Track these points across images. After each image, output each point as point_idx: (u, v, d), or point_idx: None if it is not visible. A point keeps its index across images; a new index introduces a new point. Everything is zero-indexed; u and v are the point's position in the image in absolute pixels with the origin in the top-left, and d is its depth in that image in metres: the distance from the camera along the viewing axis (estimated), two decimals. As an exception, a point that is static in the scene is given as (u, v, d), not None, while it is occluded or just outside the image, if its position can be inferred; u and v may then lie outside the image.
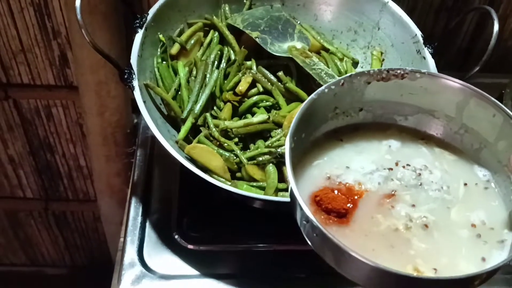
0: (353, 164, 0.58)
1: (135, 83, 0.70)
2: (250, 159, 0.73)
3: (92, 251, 1.58)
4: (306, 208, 0.47)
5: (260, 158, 0.72)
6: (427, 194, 0.56)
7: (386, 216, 0.54)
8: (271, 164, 0.72)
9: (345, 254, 0.45)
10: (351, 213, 0.53)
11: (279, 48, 0.81)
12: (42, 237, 1.52)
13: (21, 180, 1.36)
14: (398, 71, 0.58)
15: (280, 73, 0.79)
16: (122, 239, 0.83)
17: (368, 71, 0.58)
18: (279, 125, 0.75)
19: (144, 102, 0.69)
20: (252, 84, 0.80)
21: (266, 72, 0.80)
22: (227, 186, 0.65)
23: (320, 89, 0.56)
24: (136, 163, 0.84)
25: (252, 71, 0.80)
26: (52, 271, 1.63)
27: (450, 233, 0.53)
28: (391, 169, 0.58)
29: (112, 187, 1.24)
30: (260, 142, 0.75)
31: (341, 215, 0.53)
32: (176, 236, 0.75)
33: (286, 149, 0.51)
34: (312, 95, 0.55)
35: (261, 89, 0.80)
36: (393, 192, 0.56)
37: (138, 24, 0.74)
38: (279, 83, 0.79)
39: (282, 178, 0.72)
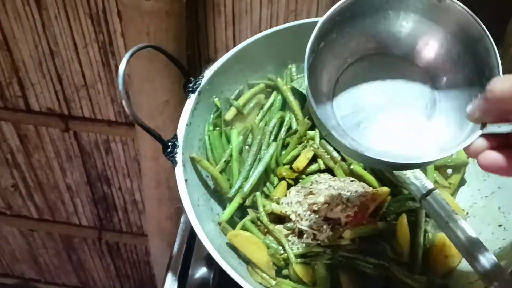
0: None
1: (179, 157, 0.63)
2: (300, 256, 0.63)
3: (143, 283, 1.55)
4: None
5: (311, 261, 0.61)
6: None
7: None
8: (323, 266, 0.61)
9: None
10: None
11: (349, 121, 0.70)
12: (94, 263, 1.51)
13: (77, 208, 1.34)
14: None
15: (347, 152, 0.68)
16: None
17: None
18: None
19: (186, 181, 0.62)
20: (313, 158, 0.71)
21: (330, 148, 0.70)
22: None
23: None
24: (179, 231, 0.77)
25: (314, 145, 0.71)
26: (102, 296, 1.62)
27: None
28: None
29: (163, 230, 1.19)
30: (314, 235, 0.64)
31: None
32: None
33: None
34: None
35: (322, 166, 0.70)
36: None
37: (190, 89, 0.66)
38: (343, 162, 0.69)
39: (336, 283, 0.61)
